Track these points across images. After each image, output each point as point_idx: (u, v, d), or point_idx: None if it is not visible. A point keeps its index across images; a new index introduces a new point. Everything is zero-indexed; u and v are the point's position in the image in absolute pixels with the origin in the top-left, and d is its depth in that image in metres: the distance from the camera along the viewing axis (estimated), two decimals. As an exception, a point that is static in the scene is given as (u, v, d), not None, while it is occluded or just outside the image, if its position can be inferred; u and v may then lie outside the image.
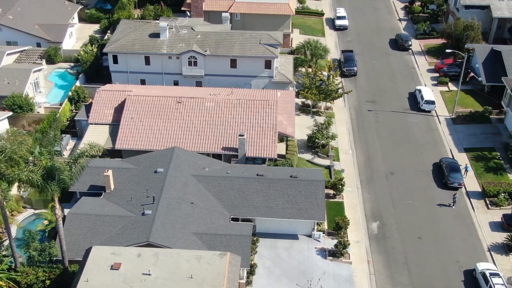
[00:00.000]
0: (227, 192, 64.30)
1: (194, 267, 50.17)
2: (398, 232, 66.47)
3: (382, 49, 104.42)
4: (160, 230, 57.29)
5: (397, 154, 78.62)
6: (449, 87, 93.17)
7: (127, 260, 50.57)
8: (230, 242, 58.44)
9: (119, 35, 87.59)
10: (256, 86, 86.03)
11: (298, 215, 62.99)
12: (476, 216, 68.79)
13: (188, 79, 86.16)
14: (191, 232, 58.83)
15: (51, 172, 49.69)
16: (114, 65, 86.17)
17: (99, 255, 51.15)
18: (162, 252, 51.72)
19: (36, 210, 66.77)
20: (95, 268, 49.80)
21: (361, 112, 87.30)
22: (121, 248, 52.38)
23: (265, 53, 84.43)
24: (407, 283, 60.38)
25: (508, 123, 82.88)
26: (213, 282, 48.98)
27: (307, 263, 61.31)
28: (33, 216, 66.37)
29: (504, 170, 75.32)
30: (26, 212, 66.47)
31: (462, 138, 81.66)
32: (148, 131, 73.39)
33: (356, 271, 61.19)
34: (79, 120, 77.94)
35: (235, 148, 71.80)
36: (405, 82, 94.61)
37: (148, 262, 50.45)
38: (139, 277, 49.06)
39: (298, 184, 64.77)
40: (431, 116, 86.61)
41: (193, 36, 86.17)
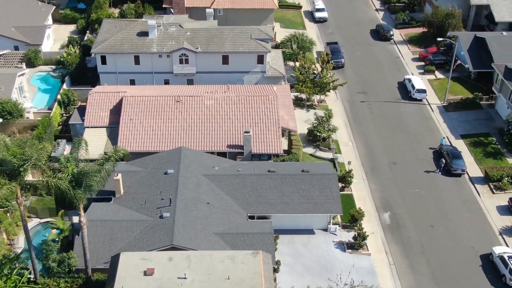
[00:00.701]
0: (241, 190, 63.92)
1: (229, 268, 49.74)
2: (410, 221, 67.36)
3: (364, 40, 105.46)
4: (182, 233, 56.59)
5: (396, 144, 79.64)
6: (436, 75, 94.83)
7: (159, 265, 49.74)
8: (253, 241, 58.16)
9: (105, 35, 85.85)
10: (248, 82, 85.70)
11: (315, 210, 63.14)
12: (483, 201, 70.31)
13: (179, 78, 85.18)
14: (212, 233, 58.28)
15: (78, 179, 48.41)
16: (102, 66, 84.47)
17: (129, 261, 50.15)
18: (193, 255, 51.07)
19: (41, 219, 64.93)
20: (128, 275, 48.81)
21: (354, 103, 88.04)
22: (150, 253, 51.51)
23: (258, 48, 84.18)
24: (427, 272, 61.29)
25: (499, 108, 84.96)
26: (251, 282, 48.66)
27: (327, 257, 61.55)
28: (39, 226, 64.52)
29: (503, 155, 77.21)
30: (32, 222, 64.56)
31: (457, 125, 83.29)
32: (149, 132, 72.29)
33: (376, 262, 61.78)
34: (74, 124, 76.15)
35: (240, 145, 71.41)
36: (392, 72, 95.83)
37: (182, 266, 49.75)
38: (175, 282, 48.34)
39: (311, 179, 64.89)
40: (423, 105, 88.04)
41: (182, 34, 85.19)
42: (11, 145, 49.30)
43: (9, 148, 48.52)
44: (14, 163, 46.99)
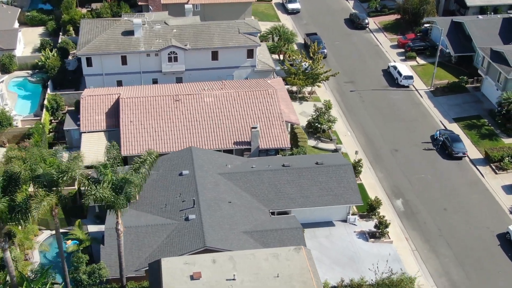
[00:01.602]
0: (259, 186, 63.70)
1: (276, 265, 49.58)
2: (423, 206, 68.77)
3: (340, 29, 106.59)
4: (212, 234, 56.00)
5: (393, 131, 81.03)
6: (418, 61, 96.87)
7: (204, 268, 49.09)
8: (283, 237, 58.17)
9: (87, 36, 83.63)
10: (238, 77, 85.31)
11: (335, 201, 63.61)
12: (488, 182, 72.46)
13: (168, 76, 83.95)
14: (240, 232, 57.91)
15: (118, 185, 47.14)
16: (88, 68, 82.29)
17: (172, 267, 49.27)
18: (236, 255, 50.63)
19: (53, 231, 62.80)
20: (174, 281, 47.95)
21: (344, 93, 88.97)
22: (192, 256, 50.76)
23: (247, 42, 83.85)
24: (449, 254, 62.79)
25: (485, 90, 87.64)
26: (301, 278, 48.68)
27: (352, 248, 62.15)
28: (51, 238, 62.48)
29: (497, 136, 79.75)
30: (43, 234, 62.50)
31: (447, 109, 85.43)
32: (152, 133, 71.04)
33: (399, 249, 62.80)
34: (69, 130, 73.99)
35: (247, 141, 71.10)
36: (374, 60, 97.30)
37: (227, 267, 49.26)
38: (224, 284, 47.83)
39: (327, 170, 65.29)
40: (411, 91, 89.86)
41: (168, 31, 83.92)
42: (47, 156, 47.46)
43: (45, 159, 46.69)
44: (53, 174, 45.29)
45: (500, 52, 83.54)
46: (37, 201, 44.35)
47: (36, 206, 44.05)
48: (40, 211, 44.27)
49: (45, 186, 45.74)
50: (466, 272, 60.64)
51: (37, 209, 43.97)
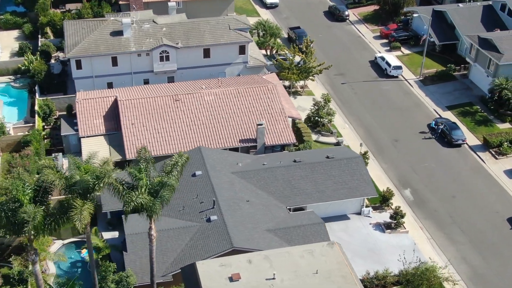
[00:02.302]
0: (273, 183, 63.59)
1: (312, 262, 49.57)
2: (432, 195, 69.88)
3: (321, 22, 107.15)
4: (237, 234, 55.70)
5: (390, 121, 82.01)
6: (403, 51, 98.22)
7: (241, 269, 48.67)
8: (307, 233, 58.25)
9: (74, 38, 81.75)
10: (230, 74, 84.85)
11: (351, 194, 64.04)
12: (489, 168, 74.10)
13: (159, 76, 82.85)
14: (264, 230, 57.75)
15: (154, 190, 46.30)
16: (77, 71, 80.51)
17: (208, 270, 48.69)
18: (271, 254, 50.40)
19: (64, 240, 61.35)
20: (214, 284, 47.39)
21: (335, 86, 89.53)
22: (226, 258, 50.25)
23: (239, 38, 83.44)
24: (465, 241, 64.01)
25: (474, 77, 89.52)
26: (340, 273, 48.81)
27: (370, 240, 62.70)
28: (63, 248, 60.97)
29: (492, 121, 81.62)
30: (55, 244, 60.89)
31: (439, 97, 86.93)
32: (155, 135, 70.03)
33: (415, 239, 63.64)
34: (66, 136, 72.23)
35: (252, 138, 70.83)
36: (359, 52, 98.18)
37: (264, 267, 48.99)
38: (265, 283, 47.55)
39: (339, 164, 65.64)
40: (400, 81, 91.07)
41: (158, 30, 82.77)
42: (80, 163, 46.21)
43: (79, 166, 45.46)
44: (89, 181, 44.14)
45: (489, 39, 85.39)
46: (78, 211, 43.13)
47: (79, 217, 42.82)
48: (83, 221, 43.07)
49: (79, 194, 44.52)
50: (484, 257, 61.93)
51: (80, 220, 42.74)
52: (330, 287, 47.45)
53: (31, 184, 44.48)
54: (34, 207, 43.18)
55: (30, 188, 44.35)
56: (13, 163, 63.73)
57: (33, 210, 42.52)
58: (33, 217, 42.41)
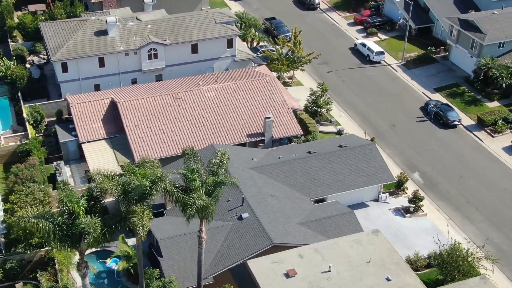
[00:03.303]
0: (293, 176, 63.61)
1: (362, 251, 50.08)
2: (440, 176, 71.59)
3: (292, 11, 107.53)
4: (273, 230, 55.56)
5: (383, 107, 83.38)
6: (380, 37, 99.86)
7: (294, 265, 48.71)
8: (339, 223, 58.61)
9: (56, 40, 79.07)
10: (218, 68, 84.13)
11: (370, 182, 64.84)
12: (488, 146, 76.51)
13: (148, 75, 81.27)
14: (296, 224, 57.75)
15: (210, 191, 45.57)
16: (63, 74, 77.99)
17: (261, 268, 48.46)
18: (320, 247, 50.62)
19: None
20: (271, 281, 47.20)
21: (322, 75, 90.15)
22: (277, 254, 50.08)
23: (227, 32, 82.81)
24: (482, 219, 65.94)
25: (454, 59, 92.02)
26: (392, 260, 49.50)
27: (393, 226, 63.72)
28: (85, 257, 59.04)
29: (480, 101, 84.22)
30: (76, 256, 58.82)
31: (425, 80, 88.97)
32: (160, 135, 68.75)
33: (434, 221, 65.11)
34: (65, 142, 69.88)
35: (260, 132, 70.63)
36: (337, 39, 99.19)
37: (316, 260, 49.15)
38: (322, 276, 47.74)
39: (354, 152, 66.32)
40: (384, 66, 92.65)
41: (143, 27, 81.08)
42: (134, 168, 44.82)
43: (134, 171, 44.11)
44: (146, 186, 42.95)
45: (470, 20, 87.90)
46: (139, 218, 41.93)
47: (141, 224, 41.63)
48: (146, 228, 41.91)
49: (135, 201, 43.29)
50: (505, 234, 63.99)
51: (143, 226, 41.58)
52: (386, 274, 48.01)
53: (84, 194, 42.92)
54: (91, 218, 41.69)
55: (84, 198, 42.79)
56: (20, 174, 61.15)
57: (92, 221, 41.05)
58: (94, 228, 40.96)
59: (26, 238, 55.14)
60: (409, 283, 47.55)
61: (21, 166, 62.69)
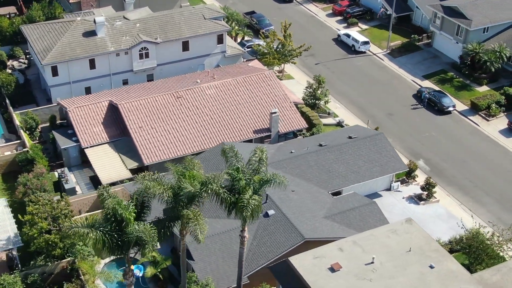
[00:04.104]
0: (309, 170, 63.70)
1: (400, 241, 50.47)
2: (444, 162, 72.93)
3: (269, 4, 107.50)
4: (302, 225, 55.59)
5: (376, 96, 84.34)
6: (360, 27, 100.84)
7: (336, 258, 48.69)
8: (363, 214, 59.06)
9: (42, 43, 76.89)
10: (209, 65, 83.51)
11: (383, 171, 65.53)
12: (484, 130, 78.37)
13: (139, 75, 79.95)
14: (322, 218, 57.91)
15: (257, 190, 45.22)
16: (53, 78, 75.96)
17: (304, 264, 48.28)
18: (358, 239, 50.75)
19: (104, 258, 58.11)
20: (317, 278, 47.07)
21: (311, 67, 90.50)
22: (317, 249, 49.96)
23: (217, 27, 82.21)
24: (493, 201, 67.52)
25: (438, 45, 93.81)
26: (431, 247, 50.07)
27: (408, 214, 64.43)
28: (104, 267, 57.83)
29: (470, 86, 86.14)
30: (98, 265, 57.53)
31: (412, 68, 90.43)
32: (166, 136, 67.81)
33: (447, 207, 66.33)
34: (66, 149, 68.04)
35: (265, 128, 70.46)
36: (318, 31, 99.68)
37: (357, 252, 49.28)
38: (366, 268, 47.90)
39: (364, 143, 66.88)
40: (369, 56, 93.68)
41: (131, 26, 79.64)
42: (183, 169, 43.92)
43: (184, 174, 43.24)
44: (197, 188, 42.25)
45: (453, 7, 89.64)
46: (195, 222, 41.26)
47: (198, 228, 40.99)
48: (204, 232, 41.29)
49: (184, 204, 42.55)
50: (517, 214, 65.85)
51: (201, 231, 40.96)
52: (428, 262, 48.57)
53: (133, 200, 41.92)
54: (143, 225, 40.80)
55: (133, 204, 41.79)
56: (29, 184, 59.27)
57: (148, 228, 40.17)
58: (151, 236, 40.12)
59: (48, 250, 53.41)
60: (452, 269, 48.25)
61: (29, 175, 60.70)
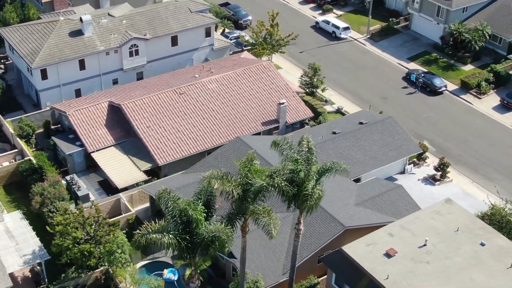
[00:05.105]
0: (328, 159, 62.83)
1: (446, 221, 51.21)
2: (448, 142, 74.47)
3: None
4: (338, 214, 55.62)
5: (368, 81, 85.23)
6: (335, 13, 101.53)
7: (389, 244, 49.03)
8: (392, 198, 59.59)
9: (27, 45, 73.85)
10: (198, 59, 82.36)
11: (399, 155, 66.33)
12: (479, 108, 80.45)
13: (129, 73, 77.95)
14: (353, 205, 58.12)
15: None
16: (42, 82, 73.14)
17: (358, 252, 48.39)
18: (404, 223, 51.22)
19: (135, 264, 56.56)
20: (375, 265, 47.29)
21: (296, 56, 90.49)
22: (368, 236, 50.12)
23: (204, 20, 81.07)
24: (502, 177, 69.43)
25: (417, 28, 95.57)
26: (476, 226, 51.07)
27: (427, 195, 65.66)
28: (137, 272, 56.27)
29: (455, 65, 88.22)
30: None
31: (395, 51, 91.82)
32: (176, 134, 66.47)
33: (461, 185, 67.82)
34: (71, 154, 65.68)
35: (273, 119, 70.08)
36: (294, 19, 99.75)
37: (407, 236, 49.72)
38: (421, 251, 48.42)
39: (376, 128, 67.49)
40: (350, 41, 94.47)
41: (118, 23, 77.49)
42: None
43: (250, 169, 42.35)
44: (268, 182, 41.63)
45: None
46: (267, 216, 40.62)
47: (272, 223, 40.38)
48: (277, 227, 40.69)
49: (251, 200, 41.83)
50: (528, 188, 67.96)
51: (275, 226, 40.38)
52: (478, 240, 49.53)
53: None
54: (218, 224, 39.91)
55: (202, 204, 40.73)
56: (46, 193, 56.95)
57: (223, 227, 39.32)
58: (227, 235, 39.27)
59: (82, 260, 51.53)
60: (503, 245, 49.34)
61: (44, 184, 58.31)
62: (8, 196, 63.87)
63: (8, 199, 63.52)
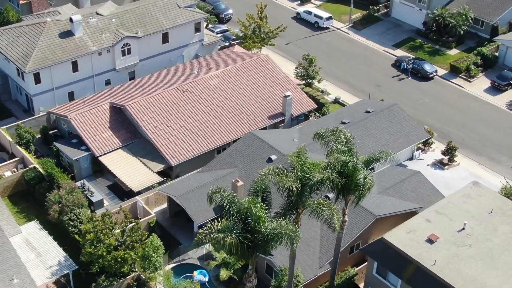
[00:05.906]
0: (342, 149, 63.99)
1: (477, 204, 52.16)
2: (448, 126, 75.85)
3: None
4: (367, 204, 55.83)
5: (357, 69, 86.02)
6: (314, 3, 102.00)
7: (428, 230, 49.66)
8: (413, 185, 60.25)
9: (16, 48, 71.59)
10: (188, 55, 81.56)
11: (409, 141, 67.20)
12: (471, 91, 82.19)
13: (121, 73, 76.56)
14: (376, 194, 58.60)
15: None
16: (36, 86, 71.06)
17: (400, 240, 48.88)
18: (438, 208, 51.95)
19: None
20: (419, 251, 47.83)
21: (283, 49, 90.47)
22: (406, 223, 50.67)
23: (194, 16, 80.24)
24: (506, 158, 71.11)
25: (397, 15, 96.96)
26: (507, 207, 52.24)
27: (438, 179, 66.75)
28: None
29: (440, 50, 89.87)
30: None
31: (379, 38, 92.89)
32: (185, 132, 65.66)
33: (469, 168, 69.24)
34: (78, 159, 64.02)
35: (279, 113, 69.98)
36: (274, 11, 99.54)
37: (444, 221, 50.47)
38: (461, 235, 49.21)
39: (384, 116, 68.15)
40: (333, 31, 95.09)
41: (108, 22, 75.88)
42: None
43: (305, 163, 42.11)
44: (325, 175, 41.60)
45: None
46: (329, 209, 40.66)
47: (334, 215, 40.40)
48: (340, 220, 40.74)
49: (308, 194, 41.73)
50: (535, 167, 69.91)
51: (338, 218, 40.38)
52: (512, 221, 50.80)
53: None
54: (283, 221, 39.71)
55: (261, 202, 40.33)
56: (64, 201, 55.45)
57: (288, 224, 39.11)
58: (293, 232, 39.07)
59: (116, 267, 50.42)
60: (538, 223, 50.70)
61: (60, 192, 56.70)
62: (15, 207, 61.81)
63: (16, 209, 61.48)
